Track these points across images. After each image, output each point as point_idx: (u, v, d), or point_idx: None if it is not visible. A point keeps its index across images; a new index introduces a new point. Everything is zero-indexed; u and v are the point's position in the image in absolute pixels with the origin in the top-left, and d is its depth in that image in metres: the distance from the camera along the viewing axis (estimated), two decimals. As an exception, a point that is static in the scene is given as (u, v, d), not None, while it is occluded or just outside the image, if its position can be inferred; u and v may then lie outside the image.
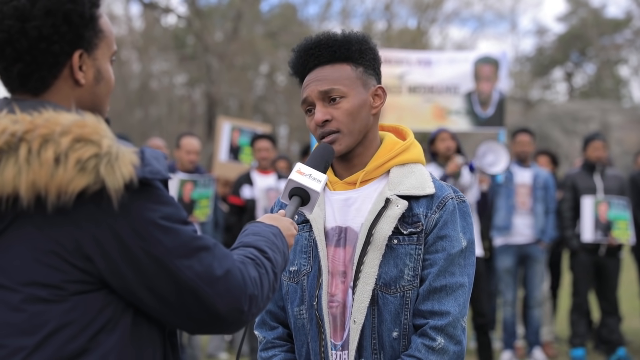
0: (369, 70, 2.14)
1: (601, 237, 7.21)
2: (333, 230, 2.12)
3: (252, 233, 1.73)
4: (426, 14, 29.54)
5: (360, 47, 2.12)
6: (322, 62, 2.11)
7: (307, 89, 2.11)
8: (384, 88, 2.17)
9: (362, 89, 2.11)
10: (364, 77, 2.12)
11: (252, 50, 25.20)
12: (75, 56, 1.55)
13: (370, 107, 2.13)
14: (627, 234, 7.29)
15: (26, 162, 1.41)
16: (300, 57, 2.14)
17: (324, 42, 2.11)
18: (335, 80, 2.08)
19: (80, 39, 1.54)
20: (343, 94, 2.08)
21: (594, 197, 7.25)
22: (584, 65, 36.37)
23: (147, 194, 1.48)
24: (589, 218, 7.20)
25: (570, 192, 7.43)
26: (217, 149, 8.41)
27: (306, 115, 2.15)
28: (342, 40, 2.11)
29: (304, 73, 2.15)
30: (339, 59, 2.10)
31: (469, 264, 2.08)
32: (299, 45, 2.16)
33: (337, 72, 2.09)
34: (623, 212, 7.27)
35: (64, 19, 1.51)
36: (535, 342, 7.43)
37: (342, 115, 2.07)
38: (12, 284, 1.46)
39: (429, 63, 7.59)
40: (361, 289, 2.03)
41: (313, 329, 2.10)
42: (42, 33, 1.50)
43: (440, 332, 2.00)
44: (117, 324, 1.51)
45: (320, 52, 2.10)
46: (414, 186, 2.09)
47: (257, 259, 1.62)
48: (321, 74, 2.10)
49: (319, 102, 2.09)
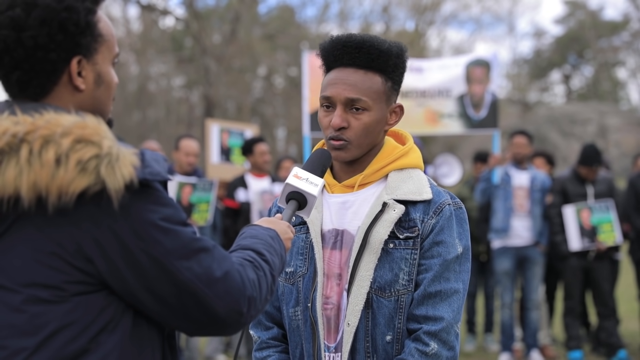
0: (396, 85, 2.12)
1: (588, 244, 7.22)
2: (330, 232, 2.12)
3: (249, 236, 1.73)
4: (424, 16, 29.57)
5: (397, 62, 2.08)
6: (357, 64, 2.06)
7: (333, 88, 2.06)
8: (402, 107, 2.14)
9: (385, 104, 2.09)
10: (389, 93, 2.09)
11: (250, 53, 25.20)
12: (74, 63, 1.55)
13: (385, 124, 2.12)
14: (613, 236, 7.30)
15: (27, 163, 1.41)
16: (337, 50, 2.07)
17: (367, 46, 2.05)
18: (365, 91, 2.04)
19: (77, 46, 1.55)
20: (367, 107, 2.05)
21: (574, 205, 7.25)
22: (581, 67, 36.47)
23: (147, 195, 1.49)
24: (573, 227, 7.21)
25: (560, 197, 7.39)
26: (208, 152, 8.45)
27: (321, 108, 2.10)
28: (384, 51, 2.05)
29: (333, 65, 2.09)
30: (374, 68, 2.06)
31: (464, 270, 2.08)
32: (340, 36, 2.10)
33: (368, 82, 2.05)
34: (606, 214, 7.27)
35: (59, 28, 1.52)
36: (533, 344, 7.42)
37: (359, 127, 2.05)
38: (12, 285, 1.47)
39: (420, 70, 7.58)
40: (356, 292, 2.03)
41: (307, 331, 2.11)
42: (38, 42, 1.51)
43: (433, 337, 2.00)
44: (117, 324, 1.51)
45: (358, 54, 2.05)
46: (412, 191, 2.08)
47: (255, 261, 1.63)
48: (352, 78, 2.05)
49: (341, 106, 2.06)
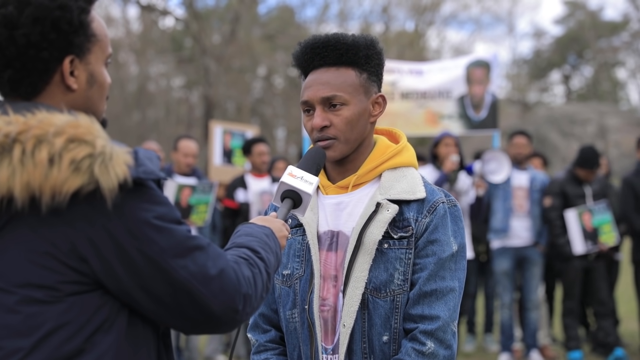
0: (373, 76, 2.11)
1: (592, 247, 7.23)
2: (325, 234, 2.11)
3: (244, 234, 1.73)
4: (424, 16, 29.59)
5: (367, 53, 2.08)
6: (327, 63, 2.07)
7: (309, 91, 2.08)
8: (384, 96, 2.15)
9: (364, 96, 2.09)
10: (366, 84, 2.09)
11: (249, 53, 25.20)
12: (66, 62, 1.55)
13: (369, 115, 2.12)
14: (612, 236, 7.34)
15: (20, 163, 1.40)
16: (306, 54, 2.10)
17: (332, 43, 2.07)
18: (339, 87, 2.05)
19: (70, 45, 1.54)
20: (344, 102, 2.05)
21: (576, 209, 7.25)
22: (581, 67, 36.47)
23: (141, 194, 1.48)
24: (576, 230, 7.20)
25: (559, 199, 7.36)
26: (211, 154, 8.48)
27: (304, 114, 2.12)
28: (350, 44, 2.06)
29: (307, 69, 2.12)
30: (344, 63, 2.07)
31: (459, 268, 2.07)
32: (306, 41, 2.12)
33: (341, 77, 2.06)
34: (604, 215, 7.30)
35: (52, 27, 1.51)
36: (532, 344, 7.42)
37: (341, 123, 2.06)
38: (7, 286, 1.46)
39: (420, 73, 7.59)
40: (351, 293, 2.03)
41: (304, 333, 2.10)
42: (31, 40, 1.50)
43: (430, 336, 1.99)
44: (112, 324, 1.50)
45: (327, 53, 2.07)
46: (405, 190, 2.08)
47: (250, 258, 1.63)
48: (325, 77, 2.07)
49: (319, 107, 2.07)
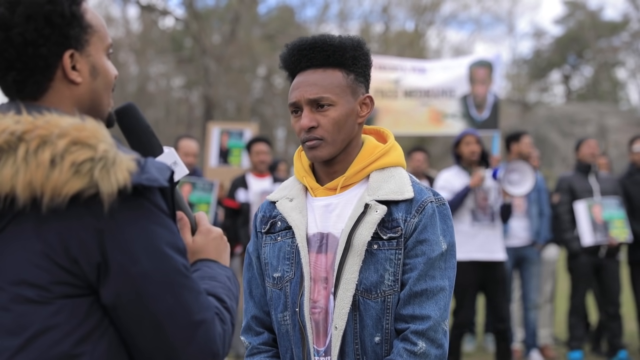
0: (360, 77, 2.12)
1: (601, 238, 7.21)
2: (315, 236, 2.11)
3: (208, 277, 1.64)
4: (424, 16, 29.58)
5: (354, 54, 2.10)
6: (314, 64, 2.09)
7: (296, 93, 2.09)
8: (372, 97, 2.15)
9: (351, 97, 2.10)
10: (353, 85, 2.10)
11: (249, 53, 25.20)
12: (66, 57, 1.55)
13: (357, 116, 2.12)
14: (624, 232, 7.30)
15: (24, 161, 1.41)
16: (293, 56, 2.11)
17: (319, 45, 2.08)
18: (326, 88, 2.06)
19: (66, 38, 1.54)
20: (332, 102, 2.06)
21: (585, 201, 7.25)
22: (581, 67, 36.44)
23: (141, 208, 1.45)
24: (585, 221, 7.20)
25: (567, 195, 7.42)
26: (207, 156, 8.50)
27: (292, 115, 2.14)
28: (337, 46, 2.08)
29: (294, 71, 2.13)
30: (331, 64, 2.08)
31: (449, 267, 2.07)
32: (293, 42, 2.13)
33: (328, 79, 2.07)
34: (617, 210, 7.28)
35: (46, 21, 1.52)
36: (532, 344, 7.43)
37: (328, 123, 2.06)
38: (1, 283, 1.46)
39: (423, 70, 7.60)
40: (342, 295, 2.03)
41: (296, 335, 2.10)
42: (27, 38, 1.51)
43: (421, 336, 2.00)
44: (104, 332, 1.47)
45: (313, 54, 2.08)
46: (393, 191, 2.08)
47: (220, 313, 1.54)
48: (312, 79, 2.08)
49: (307, 107, 2.08)
